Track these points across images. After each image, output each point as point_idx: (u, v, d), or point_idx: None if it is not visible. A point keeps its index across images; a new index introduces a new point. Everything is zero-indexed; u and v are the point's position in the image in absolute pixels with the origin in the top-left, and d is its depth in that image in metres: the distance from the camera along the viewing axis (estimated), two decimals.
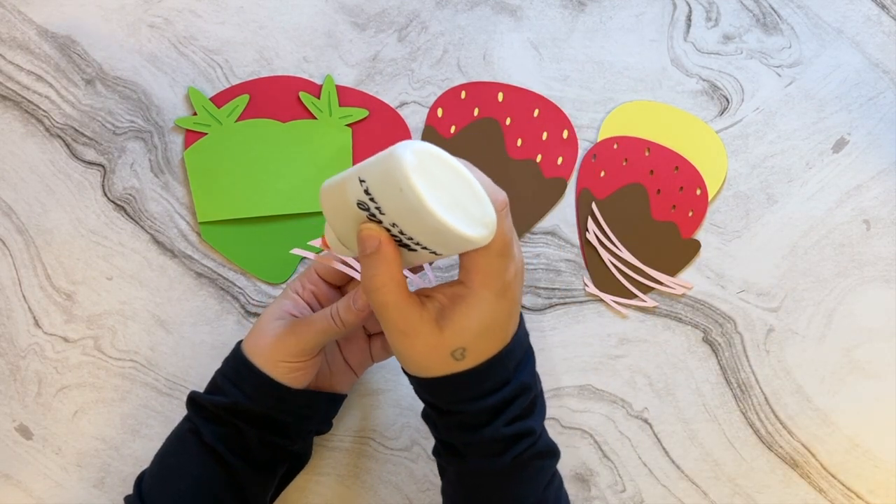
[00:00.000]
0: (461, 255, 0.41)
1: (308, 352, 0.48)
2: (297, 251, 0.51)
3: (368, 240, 0.39)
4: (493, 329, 0.42)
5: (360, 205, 0.38)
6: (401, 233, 0.38)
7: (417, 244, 0.38)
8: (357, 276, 0.49)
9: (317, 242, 0.51)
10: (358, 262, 0.49)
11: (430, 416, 0.46)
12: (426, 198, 0.35)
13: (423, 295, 0.42)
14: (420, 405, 0.59)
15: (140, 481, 0.50)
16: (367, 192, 0.37)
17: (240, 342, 0.50)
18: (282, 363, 0.48)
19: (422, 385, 0.44)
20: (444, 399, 0.44)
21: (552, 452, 0.47)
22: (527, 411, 0.45)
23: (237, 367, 0.49)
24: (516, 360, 0.44)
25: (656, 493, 0.59)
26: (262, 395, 0.48)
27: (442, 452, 0.47)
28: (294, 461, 0.53)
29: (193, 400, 0.50)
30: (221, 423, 0.48)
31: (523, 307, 0.59)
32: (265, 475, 0.50)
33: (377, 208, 0.37)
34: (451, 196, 0.36)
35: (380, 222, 0.38)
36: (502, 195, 0.40)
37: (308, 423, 0.51)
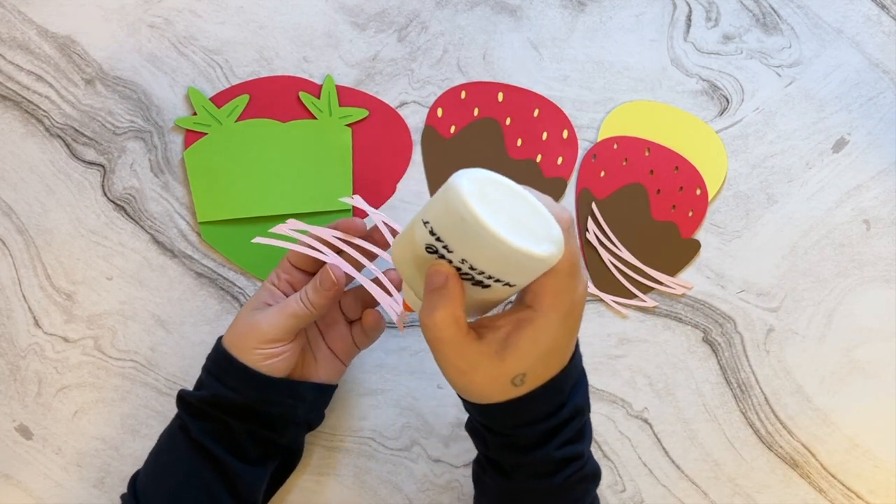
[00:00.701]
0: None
1: (281, 337, 0.48)
2: (259, 239, 0.51)
3: (435, 275, 0.38)
4: (555, 352, 0.41)
5: (429, 248, 0.37)
6: (471, 268, 0.37)
7: (490, 278, 0.37)
8: (326, 259, 0.49)
9: (279, 229, 0.51)
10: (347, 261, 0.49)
11: (480, 433, 0.46)
12: (489, 223, 0.34)
13: (481, 327, 0.41)
14: (420, 406, 0.59)
15: (134, 480, 0.50)
16: (432, 232, 0.36)
17: (221, 337, 0.51)
18: (257, 351, 0.48)
19: (477, 409, 0.43)
20: (499, 423, 0.43)
21: (596, 475, 0.47)
22: (578, 435, 0.44)
23: (217, 360, 0.49)
24: (572, 383, 0.43)
25: (656, 493, 0.59)
26: (243, 386, 0.48)
27: (486, 467, 0.46)
28: (286, 458, 0.53)
29: (181, 397, 0.50)
30: (207, 417, 0.49)
31: None
32: (256, 470, 0.50)
33: (444, 247, 0.37)
34: (514, 219, 0.35)
35: (450, 262, 0.37)
36: (567, 213, 0.38)
37: (294, 414, 0.51)
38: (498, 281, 0.37)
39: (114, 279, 0.59)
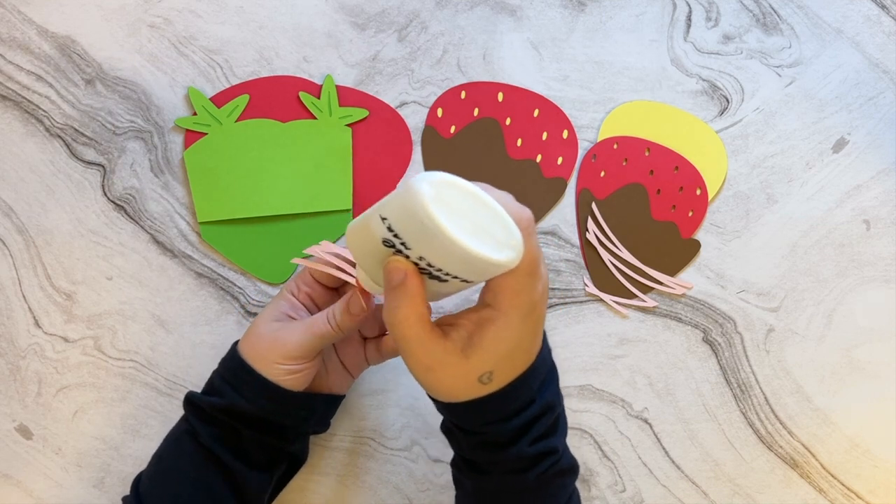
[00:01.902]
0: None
1: (305, 355, 0.48)
2: (297, 261, 0.52)
3: (394, 272, 0.38)
4: (520, 349, 0.41)
5: (386, 242, 0.37)
6: (429, 265, 0.37)
7: (447, 274, 0.38)
8: (350, 279, 0.49)
9: (312, 250, 0.50)
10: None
11: (453, 433, 0.46)
12: (449, 228, 0.34)
13: (445, 324, 0.41)
14: (420, 406, 0.59)
15: (137, 483, 0.50)
16: (390, 229, 0.36)
17: (236, 343, 0.50)
18: (279, 366, 0.47)
19: (447, 408, 0.43)
20: (469, 422, 0.43)
21: (573, 469, 0.47)
22: (550, 430, 0.44)
23: (234, 368, 0.49)
24: (540, 379, 0.43)
25: (656, 493, 0.59)
26: (259, 398, 0.48)
27: (462, 467, 0.47)
28: (291, 462, 0.53)
29: (190, 401, 0.50)
30: (218, 424, 0.48)
31: None
32: (263, 476, 0.50)
33: (402, 244, 0.37)
34: (474, 223, 0.36)
35: (407, 257, 0.38)
36: (527, 213, 0.39)
37: (305, 425, 0.51)
38: (456, 277, 0.38)
39: (114, 279, 0.59)
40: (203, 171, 0.58)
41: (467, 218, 0.35)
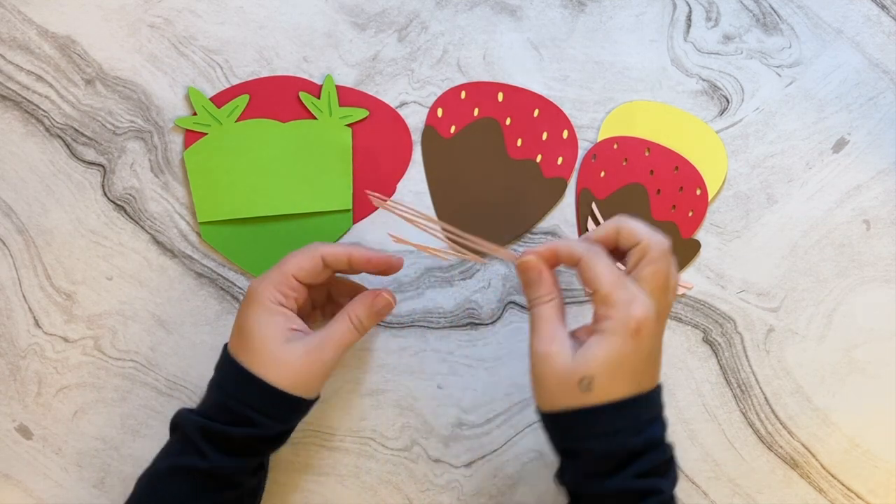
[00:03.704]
0: (599, 294, 0.43)
1: (336, 366, 0.49)
2: (394, 238, 0.53)
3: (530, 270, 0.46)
4: (623, 368, 0.42)
5: None
6: None
7: None
8: (432, 229, 0.52)
9: (378, 202, 0.52)
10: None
11: (563, 471, 0.46)
12: None
13: (571, 337, 0.45)
14: (420, 406, 0.59)
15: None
16: None
17: (248, 372, 0.47)
18: (317, 383, 0.49)
19: (551, 420, 0.45)
20: (570, 435, 0.44)
21: None
22: (658, 470, 0.44)
23: (276, 403, 0.47)
24: (648, 417, 0.44)
25: None
26: (297, 419, 0.50)
27: None
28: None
29: (211, 430, 0.47)
30: (249, 453, 0.49)
31: (523, 306, 0.59)
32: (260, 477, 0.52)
33: None
34: None
35: None
36: (658, 239, 0.45)
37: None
38: None
39: (114, 279, 0.59)
40: (203, 171, 0.58)
41: None
